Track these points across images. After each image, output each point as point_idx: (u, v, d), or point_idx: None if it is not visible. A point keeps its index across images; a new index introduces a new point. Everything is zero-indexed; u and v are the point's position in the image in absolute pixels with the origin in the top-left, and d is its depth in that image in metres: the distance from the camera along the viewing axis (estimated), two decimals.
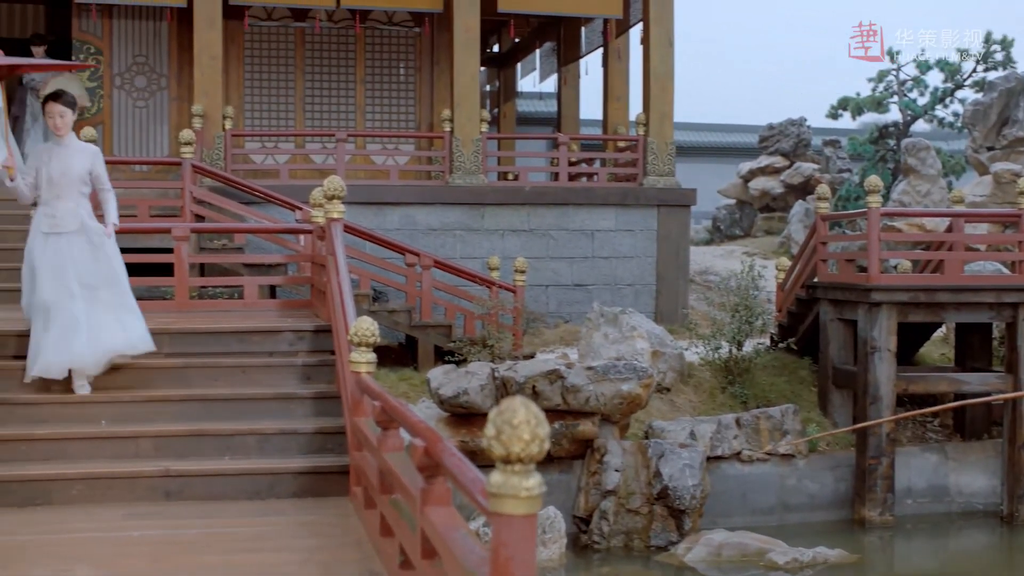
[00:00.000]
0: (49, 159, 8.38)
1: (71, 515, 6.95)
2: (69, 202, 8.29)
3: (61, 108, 8.33)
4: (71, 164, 8.34)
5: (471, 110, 15.81)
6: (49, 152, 8.48)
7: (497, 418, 3.27)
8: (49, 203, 8.31)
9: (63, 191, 8.29)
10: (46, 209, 8.32)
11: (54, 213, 8.27)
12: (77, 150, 8.48)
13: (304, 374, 8.69)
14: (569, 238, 15.86)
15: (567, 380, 10.77)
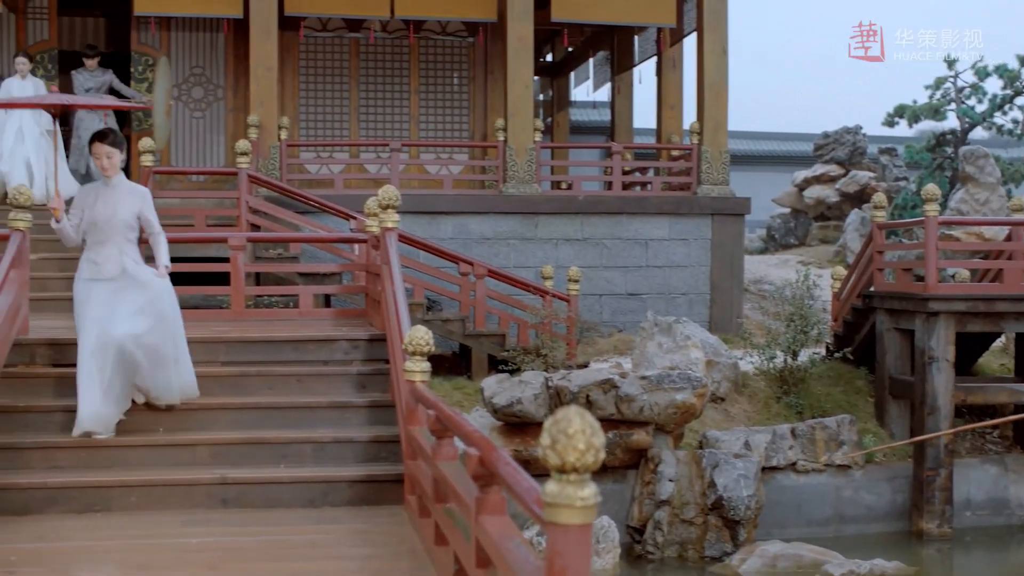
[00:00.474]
0: (95, 202, 8.01)
1: (130, 522, 7.02)
2: (113, 248, 7.92)
3: (108, 149, 7.98)
4: (118, 208, 7.96)
5: (525, 119, 15.82)
6: (95, 193, 8.09)
7: (552, 427, 3.27)
8: (93, 248, 7.98)
9: (108, 236, 7.93)
10: (90, 254, 7.99)
11: (96, 259, 7.93)
12: (125, 192, 8.09)
13: (359, 383, 8.72)
14: (623, 247, 15.82)
15: (621, 389, 10.74)
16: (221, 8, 15.55)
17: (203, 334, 9.12)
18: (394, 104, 17.95)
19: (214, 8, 15.61)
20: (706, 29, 16.17)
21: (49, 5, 16.84)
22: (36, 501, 7.23)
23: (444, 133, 18.02)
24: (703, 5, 16.15)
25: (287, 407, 8.33)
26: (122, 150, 8.12)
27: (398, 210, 9.39)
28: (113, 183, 8.07)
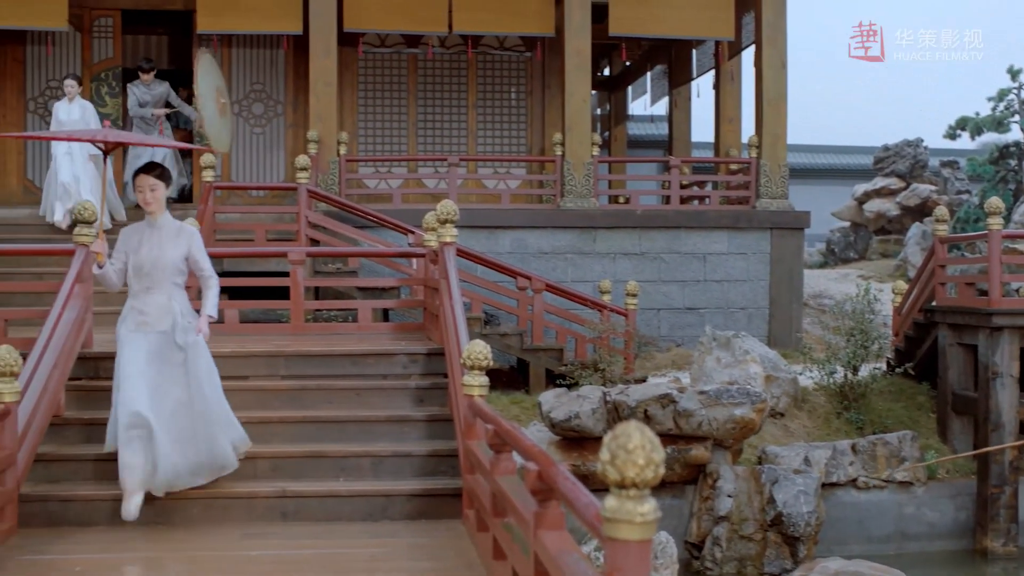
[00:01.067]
0: (139, 244, 7.33)
1: (191, 534, 7.08)
2: (160, 295, 7.26)
3: (153, 181, 7.32)
4: (164, 251, 7.30)
5: (582, 133, 15.83)
6: (139, 235, 7.41)
7: (612, 443, 3.27)
8: (138, 296, 7.31)
9: (154, 282, 7.27)
10: (134, 302, 7.33)
11: (144, 308, 7.27)
12: (171, 233, 7.41)
13: (417, 397, 8.75)
14: (681, 261, 15.77)
15: (679, 404, 10.69)
16: (281, 25, 15.71)
17: (263, 348, 9.20)
18: (452, 119, 18.02)
19: (274, 25, 15.77)
20: (765, 42, 16.10)
21: (114, 24, 17.09)
22: (100, 513, 7.31)
23: (502, 147, 18.07)
24: (762, 18, 16.09)
25: (346, 421, 8.37)
26: (168, 185, 7.47)
27: (456, 224, 9.42)
28: (158, 222, 7.40)
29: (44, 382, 7.61)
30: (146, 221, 7.44)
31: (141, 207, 7.47)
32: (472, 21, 16.00)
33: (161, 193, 7.37)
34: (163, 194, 7.39)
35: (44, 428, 7.71)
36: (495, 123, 18.10)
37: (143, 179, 7.33)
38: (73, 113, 14.28)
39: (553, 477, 4.51)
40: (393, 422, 8.38)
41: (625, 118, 23.97)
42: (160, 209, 7.39)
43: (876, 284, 17.72)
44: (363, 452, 8.01)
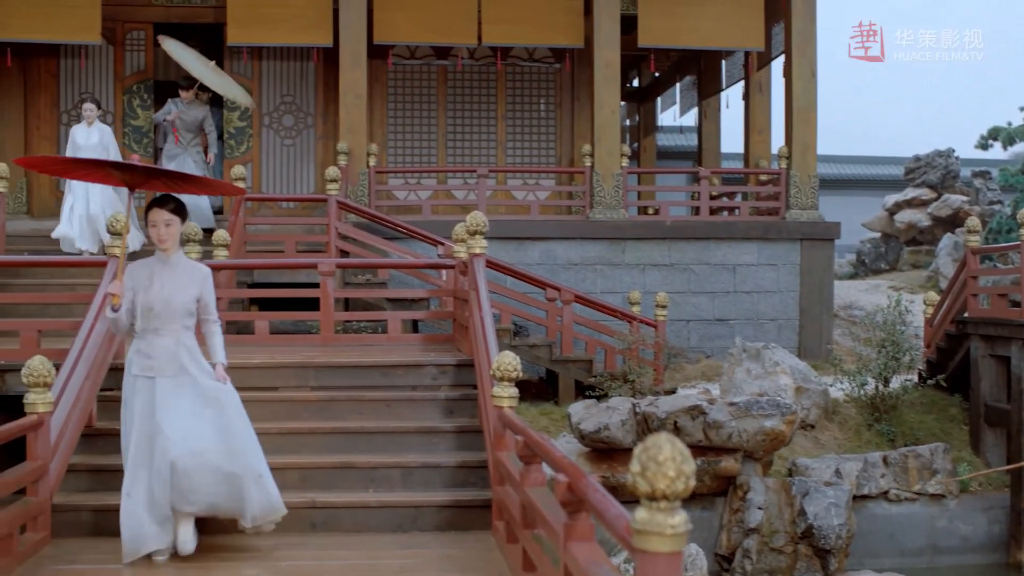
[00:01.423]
0: (149, 283, 6.73)
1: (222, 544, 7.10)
2: (168, 338, 6.71)
3: (168, 216, 6.72)
4: (176, 291, 6.74)
5: (611, 144, 15.83)
6: (149, 272, 6.79)
7: (642, 454, 3.26)
8: (144, 337, 6.73)
9: (163, 324, 6.71)
10: (141, 344, 6.75)
11: (150, 351, 6.70)
12: (185, 272, 6.85)
13: (447, 408, 8.75)
14: (710, 272, 15.73)
15: (709, 416, 10.65)
16: (311, 38, 15.79)
17: (293, 359, 9.23)
18: (481, 130, 18.05)
19: (305, 38, 15.85)
20: (794, 52, 16.06)
21: (146, 37, 17.21)
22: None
23: (531, 159, 18.08)
24: (791, 28, 16.05)
25: (375, 432, 8.38)
26: (184, 219, 6.87)
27: (486, 236, 9.43)
28: (171, 260, 6.80)
29: (76, 393, 7.66)
30: (157, 256, 6.82)
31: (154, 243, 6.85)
32: (501, 33, 16.03)
33: (176, 229, 6.77)
34: (178, 230, 6.81)
35: (76, 438, 7.76)
36: (524, 134, 18.12)
37: (157, 214, 6.71)
38: (91, 137, 13.68)
39: (583, 489, 4.51)
40: (422, 433, 8.39)
41: (654, 129, 23.95)
42: (175, 246, 6.80)
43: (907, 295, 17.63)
44: (392, 463, 8.02)
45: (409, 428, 8.42)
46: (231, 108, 17.35)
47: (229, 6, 15.72)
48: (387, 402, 8.74)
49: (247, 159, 17.26)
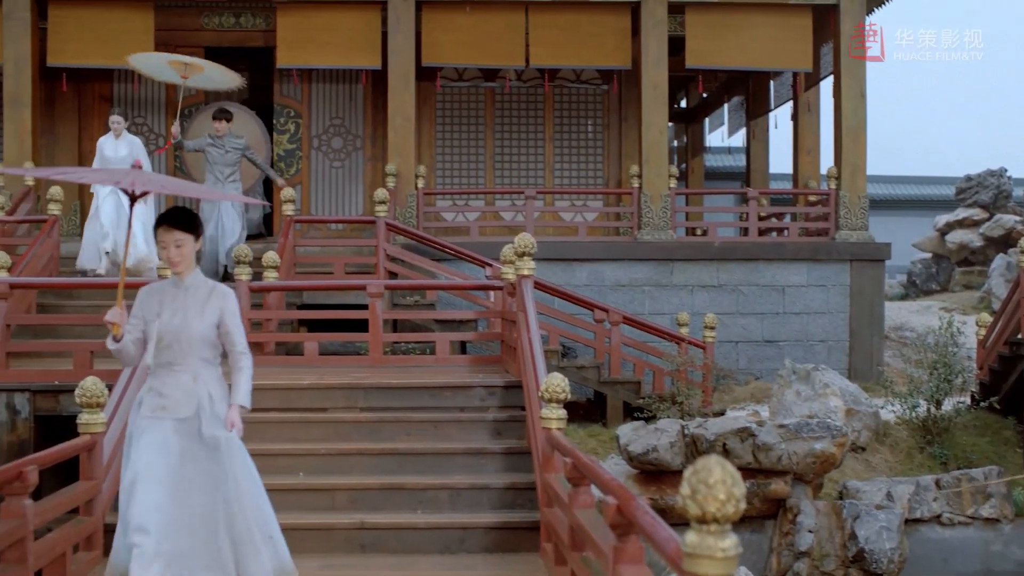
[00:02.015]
0: (160, 309, 5.96)
1: None
2: (184, 374, 5.92)
3: (180, 235, 5.91)
4: (191, 318, 5.93)
5: (659, 166, 15.81)
6: (160, 298, 6.03)
7: (692, 477, 3.25)
8: (157, 374, 5.97)
9: (177, 357, 5.92)
10: (153, 381, 5.98)
11: (162, 389, 5.92)
12: (201, 296, 6.03)
13: (495, 429, 8.76)
14: (759, 293, 15.66)
15: (758, 438, 10.58)
16: (360, 60, 15.92)
17: (342, 380, 9.27)
18: (529, 152, 18.09)
19: (354, 60, 15.97)
20: (843, 73, 15.98)
21: None
22: None
23: (579, 180, 18.09)
24: (839, 49, 15.98)
25: (424, 453, 8.40)
26: (199, 237, 6.01)
27: (533, 257, 9.45)
28: (185, 282, 6.02)
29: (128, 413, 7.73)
30: (171, 280, 6.06)
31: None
32: (549, 55, 16.07)
33: (190, 249, 5.94)
34: (192, 249, 5.97)
35: None
36: (572, 156, 18.14)
37: (166, 233, 5.90)
38: (120, 150, 13.60)
39: (632, 511, 4.49)
40: (471, 454, 8.39)
41: (702, 150, 23.90)
42: (189, 267, 5.99)
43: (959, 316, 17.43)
44: (441, 484, 8.03)
45: (457, 449, 8.43)
46: (280, 131, 17.50)
47: (279, 30, 15.88)
48: (435, 423, 8.77)
49: (296, 181, 17.39)
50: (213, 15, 17.10)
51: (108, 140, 13.77)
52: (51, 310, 12.63)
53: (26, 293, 11.85)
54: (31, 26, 15.42)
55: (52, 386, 9.44)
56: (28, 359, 10.72)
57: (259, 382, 9.10)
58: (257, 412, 8.75)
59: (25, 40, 15.35)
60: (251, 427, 8.55)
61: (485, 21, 15.85)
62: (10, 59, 15.32)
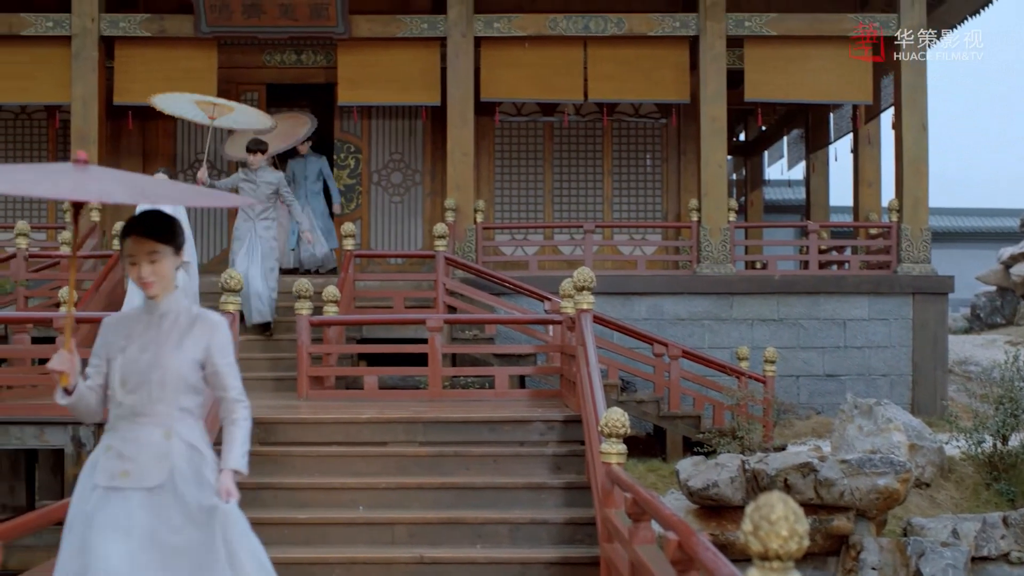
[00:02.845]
0: (126, 342, 4.55)
1: None
2: (154, 428, 4.47)
3: (152, 245, 4.45)
4: (164, 352, 4.52)
5: (719, 199, 15.77)
6: (127, 329, 4.62)
7: (754, 513, 3.23)
8: (118, 427, 4.52)
9: (146, 404, 4.46)
10: (112, 438, 4.52)
11: (124, 449, 4.45)
12: (182, 325, 4.59)
13: (554, 464, 8.74)
14: (820, 327, 15.53)
15: (820, 473, 10.48)
16: (420, 96, 16.04)
17: (402, 414, 9.30)
18: (587, 185, 18.12)
19: (413, 96, 16.11)
20: (904, 105, 15.88)
21: (259, 97, 17.63)
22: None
23: (637, 214, 18.09)
24: (901, 81, 15.89)
25: (483, 487, 8.40)
26: (179, 249, 4.59)
27: (592, 291, 9.45)
28: (161, 309, 4.59)
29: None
30: (144, 306, 4.63)
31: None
32: (607, 89, 16.12)
33: (167, 264, 4.52)
34: (170, 266, 4.55)
35: None
36: (630, 189, 18.14)
37: (138, 244, 4.46)
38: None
39: (694, 547, 4.47)
40: (530, 489, 8.38)
41: (761, 183, 23.81)
42: (165, 288, 4.58)
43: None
44: (500, 519, 8.03)
45: (517, 484, 8.42)
46: (341, 166, 17.67)
47: (340, 67, 16.07)
48: (495, 458, 8.77)
49: (356, 216, 17.54)
50: (275, 53, 17.33)
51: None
52: None
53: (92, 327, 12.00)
54: (98, 65, 15.71)
55: None
56: None
57: (320, 416, 9.20)
58: (319, 446, 8.83)
59: (92, 79, 15.64)
60: (312, 461, 8.64)
61: (544, 56, 15.94)
62: (78, 97, 15.61)
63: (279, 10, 15.60)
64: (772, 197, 28.52)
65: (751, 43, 16.02)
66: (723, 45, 15.82)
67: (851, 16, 16.13)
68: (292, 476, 8.50)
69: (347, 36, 15.81)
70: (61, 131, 17.41)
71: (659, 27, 15.90)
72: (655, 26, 15.90)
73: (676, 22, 15.94)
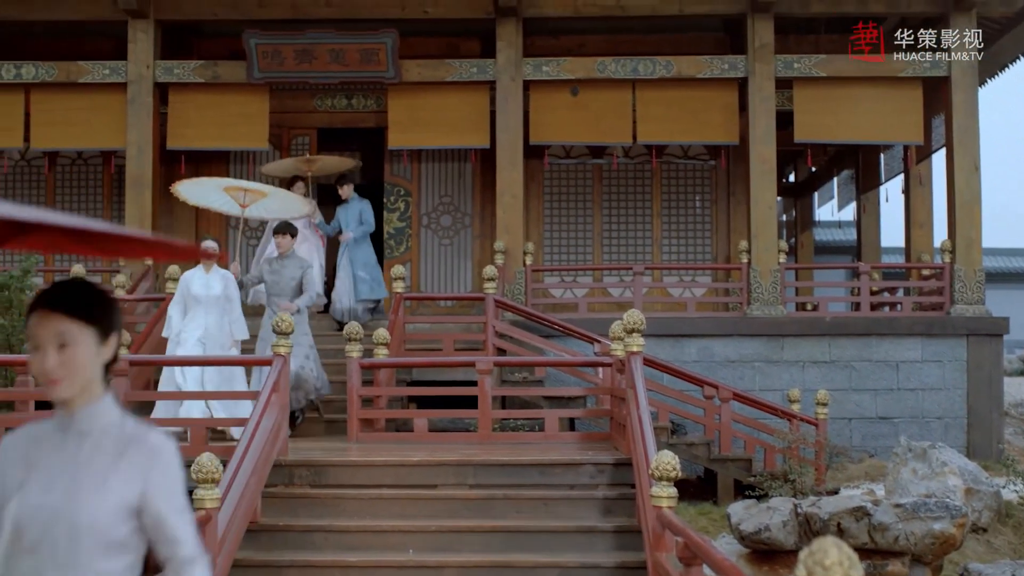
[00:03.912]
0: (25, 474, 3.05)
1: None
2: None
3: (64, 327, 2.95)
4: (83, 492, 3.01)
5: (768, 240, 15.72)
6: (27, 453, 3.09)
7: (808, 558, 3.20)
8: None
9: (50, 568, 2.95)
10: None
11: None
12: (107, 451, 3.06)
13: (604, 507, 8.71)
14: (872, 369, 15.39)
15: (874, 517, 10.35)
16: (469, 140, 16.14)
17: (452, 457, 9.31)
18: (636, 227, 18.12)
19: (462, 140, 16.21)
20: (956, 146, 15.77)
21: (310, 142, 17.81)
22: None
23: (687, 256, 18.05)
24: (952, 122, 15.79)
25: (533, 531, 8.38)
26: (107, 333, 3.07)
27: (642, 333, 9.43)
28: (77, 423, 3.09)
29: (242, 489, 7.85)
30: (56, 419, 3.11)
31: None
32: (656, 132, 16.14)
33: (85, 356, 3.02)
34: (92, 357, 3.03)
35: (241, 534, 7.93)
36: (680, 231, 18.12)
37: (42, 323, 2.99)
38: (213, 287, 11.63)
39: None
40: (580, 533, 8.35)
41: (812, 224, 23.70)
42: (85, 392, 3.07)
43: None
44: (550, 563, 7.99)
45: (567, 527, 8.40)
46: (391, 209, 17.78)
47: (390, 111, 16.20)
48: (545, 500, 8.75)
49: (406, 259, 17.62)
50: (326, 97, 17.52)
51: (197, 274, 11.68)
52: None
53: (144, 370, 12.13)
54: (153, 111, 15.94)
55: None
56: None
57: (371, 458, 9.22)
58: (369, 488, 8.85)
59: (147, 125, 15.87)
60: (362, 503, 8.66)
61: (592, 99, 16.00)
62: (133, 143, 15.84)
63: (330, 56, 15.79)
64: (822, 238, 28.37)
65: (800, 84, 16.00)
66: (772, 87, 15.82)
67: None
68: (343, 519, 8.52)
69: (397, 80, 15.96)
70: (116, 176, 17.67)
71: (708, 69, 15.93)
72: (704, 68, 15.93)
73: (725, 64, 15.97)
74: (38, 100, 16.12)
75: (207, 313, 11.42)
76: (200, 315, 11.42)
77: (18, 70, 16.00)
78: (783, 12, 15.69)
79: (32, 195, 18.28)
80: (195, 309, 11.45)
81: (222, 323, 11.49)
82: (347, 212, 15.50)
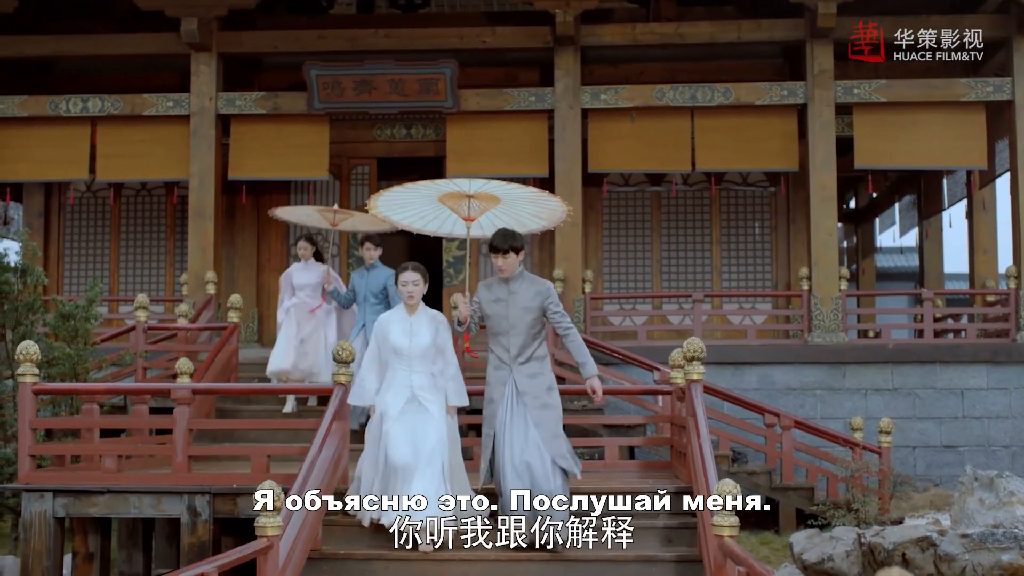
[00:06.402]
0: None
1: None
2: None
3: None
4: None
5: (829, 267, 15.60)
6: None
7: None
8: None
9: None
10: None
11: None
12: None
13: (665, 536, 8.66)
14: (936, 397, 15.21)
15: (940, 548, 10.20)
16: (528, 168, 16.16)
17: None
18: (696, 255, 18.06)
19: (521, 168, 16.22)
20: (1020, 170, 15.59)
21: (370, 172, 17.98)
22: None
23: (746, 283, 17.96)
24: (1016, 146, 15.61)
25: (593, 560, 8.34)
26: None
27: (702, 361, 9.39)
28: None
29: (304, 517, 7.88)
30: None
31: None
32: (715, 159, 16.11)
33: None
34: None
35: (302, 562, 7.96)
36: (739, 258, 18.04)
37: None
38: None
39: None
40: (641, 562, 8.31)
41: (873, 250, 23.52)
42: None
43: None
44: None
45: (628, 556, 8.35)
46: (450, 239, 17.84)
47: (449, 140, 16.31)
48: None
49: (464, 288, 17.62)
50: (385, 127, 17.66)
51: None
52: (229, 415, 12.99)
53: (206, 398, 12.24)
54: (215, 142, 16.16)
55: (231, 489, 9.66)
56: (208, 463, 11.04)
57: None
58: None
59: (209, 156, 16.09)
60: None
61: (651, 127, 16.00)
62: (195, 174, 16.06)
63: (389, 86, 15.93)
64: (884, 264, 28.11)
65: (860, 110, 15.91)
66: (832, 113, 15.73)
67: (963, 81, 15.96)
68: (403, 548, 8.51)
69: (456, 110, 16.06)
70: (179, 206, 17.90)
71: (766, 96, 15.89)
72: (763, 95, 15.89)
73: (784, 91, 15.92)
74: (104, 132, 16.40)
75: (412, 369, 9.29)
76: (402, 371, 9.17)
77: (85, 103, 16.30)
78: (842, 38, 15.61)
79: (97, 226, 18.56)
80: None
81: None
82: (368, 280, 12.75)
